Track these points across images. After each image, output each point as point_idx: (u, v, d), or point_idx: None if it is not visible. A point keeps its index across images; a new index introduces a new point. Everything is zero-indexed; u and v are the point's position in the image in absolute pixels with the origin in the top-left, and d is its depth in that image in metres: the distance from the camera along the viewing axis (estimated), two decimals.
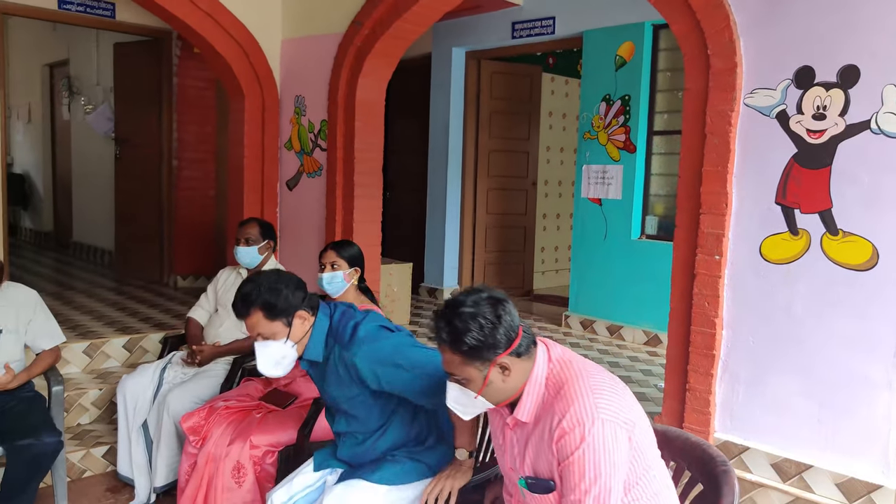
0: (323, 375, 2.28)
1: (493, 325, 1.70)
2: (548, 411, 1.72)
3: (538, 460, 1.75)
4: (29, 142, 9.27)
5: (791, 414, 2.83)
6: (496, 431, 1.93)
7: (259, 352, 2.22)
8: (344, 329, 2.23)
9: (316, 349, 2.24)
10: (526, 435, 1.79)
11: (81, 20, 5.62)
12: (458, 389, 1.78)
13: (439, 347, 1.77)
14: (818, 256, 2.73)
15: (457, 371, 1.74)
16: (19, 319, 3.10)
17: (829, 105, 2.69)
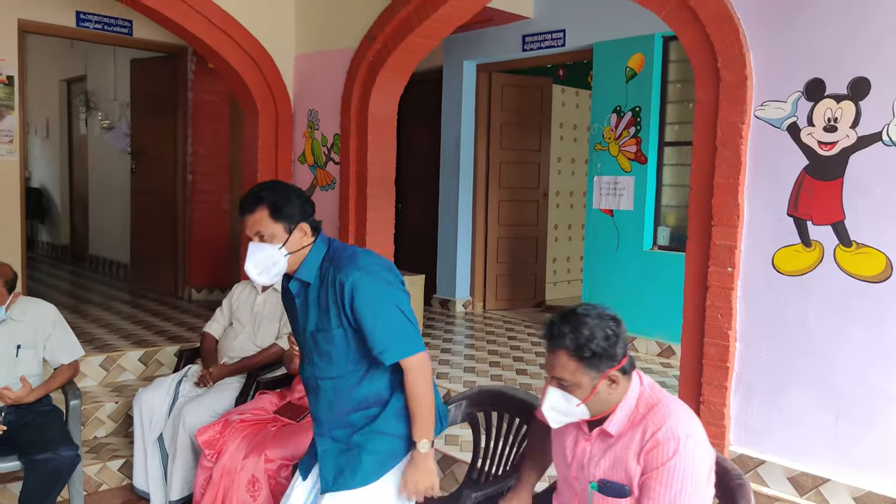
0: (307, 304, 2.21)
1: (615, 338, 1.81)
2: (636, 426, 1.83)
3: (614, 469, 1.83)
4: (46, 156, 9.40)
5: (807, 427, 2.81)
6: (564, 444, 2.00)
7: (251, 253, 2.15)
8: (343, 253, 2.19)
9: (309, 270, 2.18)
10: (606, 446, 1.88)
11: (99, 37, 5.73)
12: (559, 396, 1.85)
13: (553, 352, 1.84)
14: (832, 268, 2.73)
15: (567, 376, 1.81)
16: (38, 335, 3.14)
17: (840, 117, 2.69)
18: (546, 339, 1.87)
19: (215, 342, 3.79)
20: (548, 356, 1.89)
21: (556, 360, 1.84)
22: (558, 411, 1.87)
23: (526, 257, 7.10)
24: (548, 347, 1.87)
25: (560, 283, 7.79)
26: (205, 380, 3.52)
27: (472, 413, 2.90)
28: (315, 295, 2.19)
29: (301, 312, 2.24)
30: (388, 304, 2.13)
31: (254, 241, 2.16)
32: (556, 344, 1.83)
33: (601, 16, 5.46)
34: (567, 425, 1.97)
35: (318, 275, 2.18)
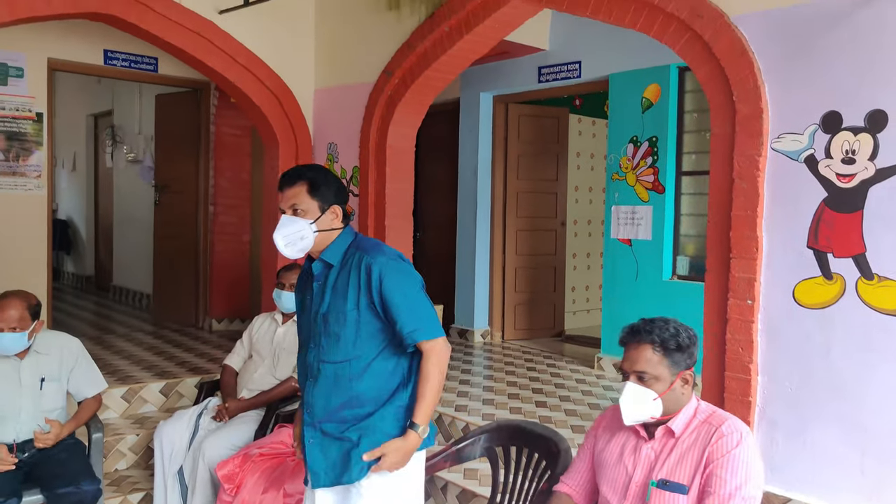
0: (324, 287, 2.25)
1: (695, 339, 2.06)
2: (699, 426, 2.00)
3: (679, 466, 1.97)
4: (73, 189, 9.61)
5: (833, 463, 2.77)
6: (620, 456, 2.12)
7: (282, 224, 2.22)
8: (368, 242, 2.30)
9: (335, 253, 2.25)
10: (670, 446, 2.02)
11: (126, 74, 5.89)
12: (637, 389, 2.01)
13: (637, 346, 2.02)
14: (854, 301, 2.70)
15: (650, 369, 2.00)
16: (62, 368, 3.19)
17: (857, 149, 2.69)
18: (631, 335, 2.05)
19: (235, 375, 3.81)
20: (629, 353, 2.05)
21: (639, 355, 2.02)
22: (635, 405, 2.01)
23: (544, 286, 7.08)
24: (630, 344, 2.05)
25: (579, 312, 7.76)
26: (222, 414, 3.54)
27: (490, 448, 2.89)
28: (334, 278, 2.24)
29: (316, 295, 2.28)
30: (417, 286, 2.22)
31: (287, 214, 2.23)
32: (643, 338, 2.02)
33: (616, 47, 5.50)
34: (620, 436, 2.12)
35: (342, 259, 2.25)
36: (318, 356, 2.25)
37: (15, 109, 5.25)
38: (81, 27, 5.22)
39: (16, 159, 5.28)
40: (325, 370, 2.24)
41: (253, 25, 4.81)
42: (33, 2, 3.90)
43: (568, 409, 4.53)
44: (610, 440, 2.17)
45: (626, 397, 2.02)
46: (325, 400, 2.22)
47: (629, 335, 2.07)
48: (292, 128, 5.24)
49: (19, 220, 5.35)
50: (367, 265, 2.18)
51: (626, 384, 2.03)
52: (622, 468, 2.09)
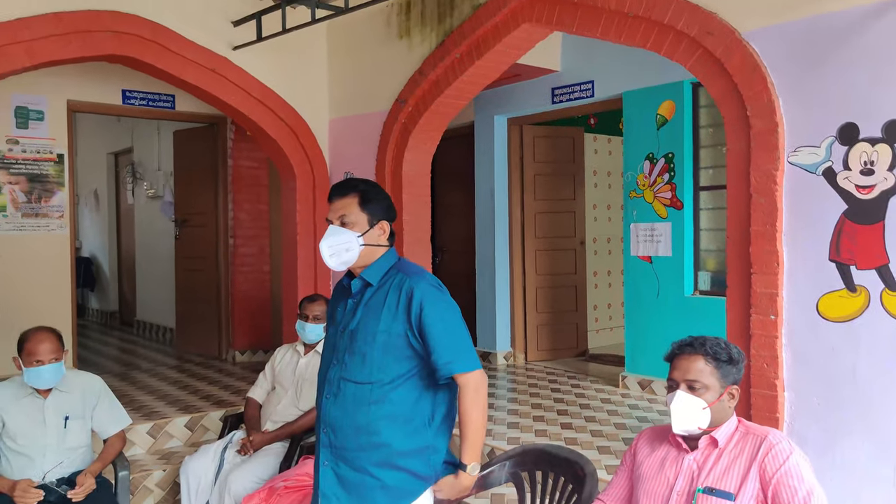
0: (357, 304, 2.22)
1: (742, 356, 2.12)
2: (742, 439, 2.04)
3: (725, 476, 2.00)
4: (96, 226, 9.76)
5: (864, 479, 2.70)
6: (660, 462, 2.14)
7: (330, 233, 2.19)
8: (412, 266, 2.27)
9: (376, 272, 2.21)
10: (714, 457, 2.05)
11: (144, 112, 6.00)
12: (688, 398, 2.04)
13: (690, 357, 2.07)
14: (879, 313, 2.65)
15: (702, 378, 2.05)
16: (85, 405, 3.22)
17: (876, 160, 2.66)
18: (681, 349, 2.10)
19: (258, 407, 3.82)
20: (680, 363, 2.09)
21: (691, 365, 2.07)
22: (685, 414, 2.04)
23: (566, 306, 7.04)
24: (681, 356, 2.09)
25: (603, 330, 7.70)
26: (246, 448, 3.54)
27: (516, 472, 2.86)
28: (370, 296, 2.21)
29: (349, 311, 2.24)
30: (458, 318, 2.20)
31: (335, 225, 2.22)
32: (695, 350, 2.07)
33: (629, 65, 5.51)
34: (660, 449, 2.15)
35: (381, 279, 2.22)
36: (339, 373, 2.20)
37: (36, 152, 5.37)
38: (100, 69, 5.34)
39: (38, 200, 5.39)
40: (345, 389, 2.18)
41: (266, 60, 4.89)
42: (52, 47, 4.00)
43: (594, 430, 4.48)
44: (650, 454, 2.18)
45: (676, 405, 2.05)
46: (342, 420, 2.17)
47: (680, 347, 2.11)
48: (308, 158, 5.29)
49: (43, 260, 5.44)
50: (409, 289, 2.14)
51: (676, 392, 2.06)
52: (663, 479, 2.10)
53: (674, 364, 2.12)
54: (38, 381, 3.07)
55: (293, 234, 5.32)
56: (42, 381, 3.07)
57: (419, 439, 2.15)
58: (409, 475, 2.13)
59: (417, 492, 2.15)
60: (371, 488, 2.11)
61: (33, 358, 3.03)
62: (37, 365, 3.03)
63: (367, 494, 2.12)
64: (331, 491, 2.15)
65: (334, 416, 2.19)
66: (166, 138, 7.41)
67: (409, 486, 2.14)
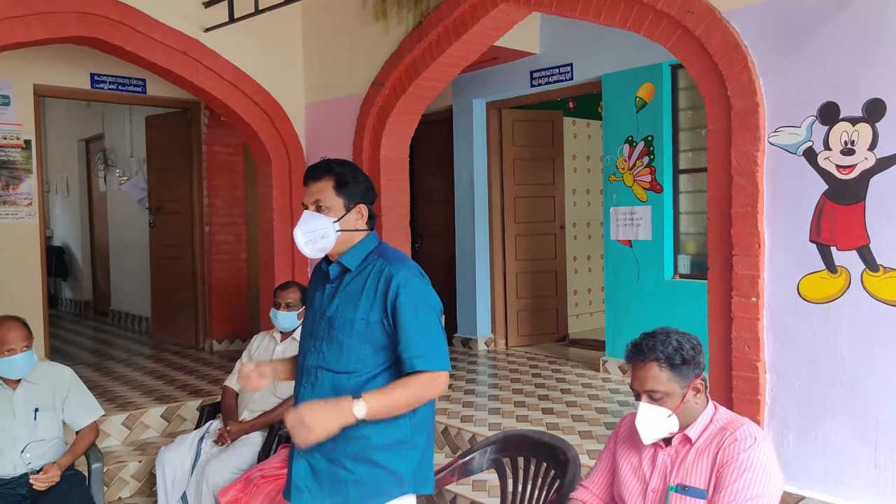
0: (335, 290, 2.13)
1: (699, 347, 2.03)
2: (717, 432, 1.98)
3: (694, 471, 1.96)
4: (67, 214, 9.56)
5: (846, 459, 2.71)
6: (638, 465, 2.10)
7: (304, 220, 2.09)
8: (393, 252, 2.17)
9: (355, 258, 2.12)
10: (686, 452, 2.00)
11: (114, 97, 5.85)
12: (652, 410, 1.98)
13: (644, 365, 1.98)
14: (860, 294, 2.65)
15: (660, 387, 1.97)
16: (55, 397, 3.15)
17: (856, 140, 2.64)
18: (634, 355, 2.01)
19: (235, 396, 3.76)
20: (636, 373, 2.01)
21: (647, 374, 1.98)
22: (652, 425, 1.99)
23: (546, 291, 7.03)
24: (636, 363, 2.01)
25: (583, 315, 7.70)
26: (223, 438, 3.48)
27: (497, 459, 2.83)
28: (348, 282, 2.12)
29: (326, 297, 2.16)
30: (433, 311, 2.08)
31: (310, 210, 2.11)
32: (648, 356, 1.98)
33: (607, 48, 5.47)
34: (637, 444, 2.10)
35: (360, 264, 2.12)
36: (316, 361, 2.12)
37: (3, 138, 5.22)
38: (67, 52, 5.19)
39: (6, 188, 5.24)
40: (322, 378, 2.10)
41: (239, 42, 4.77)
42: (14, 29, 3.86)
43: (575, 415, 4.47)
44: (628, 449, 2.16)
45: (641, 419, 2.00)
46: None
47: (632, 353, 2.03)
48: (284, 144, 5.20)
49: (12, 248, 5.30)
50: (388, 275, 2.05)
51: (639, 405, 2.00)
52: (640, 476, 2.08)
53: (632, 371, 2.04)
54: (12, 370, 3.00)
55: (269, 220, 5.24)
56: (16, 369, 3.00)
57: (397, 433, 2.06)
58: (384, 471, 2.05)
59: (392, 493, 2.07)
60: (344, 482, 2.04)
61: (5, 347, 2.96)
62: (9, 354, 2.96)
63: (340, 488, 2.04)
64: (303, 483, 2.08)
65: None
66: (138, 124, 7.26)
67: (384, 484, 2.05)
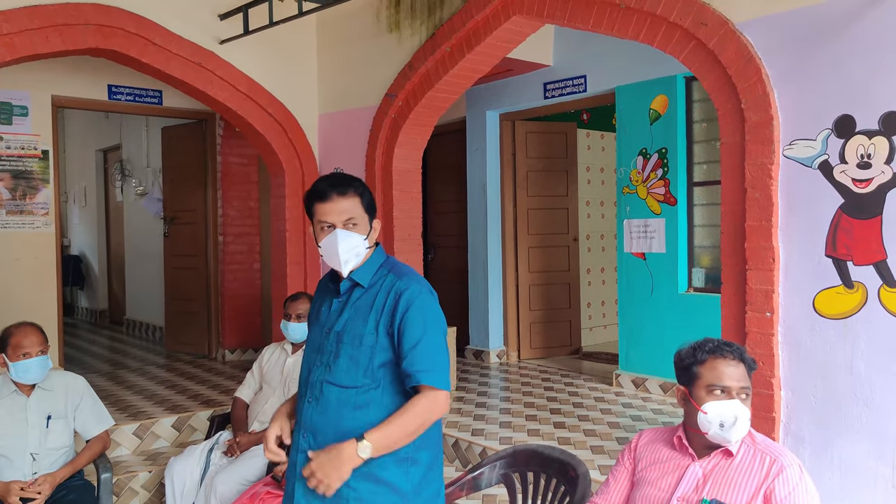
0: (344, 305, 2.11)
1: None
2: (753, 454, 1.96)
3: (731, 489, 1.94)
4: (85, 224, 9.66)
5: (862, 477, 2.65)
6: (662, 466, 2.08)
7: (342, 238, 2.03)
8: (403, 266, 2.15)
9: (367, 273, 2.10)
10: (722, 468, 1.98)
11: (131, 108, 5.92)
12: (744, 408, 1.96)
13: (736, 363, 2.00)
14: (877, 310, 2.60)
15: (746, 383, 2.00)
16: (67, 405, 3.16)
17: (873, 153, 2.60)
18: (724, 349, 2.03)
19: (246, 407, 3.75)
20: (725, 370, 1.99)
21: (739, 372, 2.00)
22: (744, 423, 1.95)
23: (559, 303, 6.99)
24: (723, 358, 2.01)
25: (596, 328, 7.65)
26: (233, 449, 3.47)
27: (507, 474, 2.80)
28: (358, 297, 2.10)
29: (335, 311, 2.13)
30: (440, 328, 2.06)
31: (339, 227, 2.06)
32: (734, 355, 2.01)
33: (621, 60, 5.45)
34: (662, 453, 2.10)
35: (371, 280, 2.11)
36: (323, 376, 2.08)
37: (20, 148, 5.28)
38: (85, 63, 5.25)
39: (23, 197, 5.30)
40: (328, 392, 2.06)
41: (254, 54, 4.81)
42: (32, 40, 3.91)
43: (587, 430, 4.43)
44: (653, 459, 2.12)
45: (741, 414, 1.94)
46: (324, 425, 2.05)
47: (717, 349, 2.02)
48: (297, 154, 5.22)
49: (28, 257, 5.35)
50: (398, 290, 2.04)
51: (733, 402, 1.95)
52: (664, 485, 2.04)
53: (717, 367, 1.99)
54: (27, 374, 3.02)
55: (282, 231, 5.25)
56: (31, 374, 3.02)
57: (399, 450, 2.02)
58: (387, 488, 2.02)
59: None
60: (346, 499, 1.99)
61: (20, 351, 2.98)
62: (24, 358, 2.98)
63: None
64: (305, 500, 2.04)
65: (315, 420, 2.08)
66: (154, 135, 7.32)
67: (385, 501, 2.01)
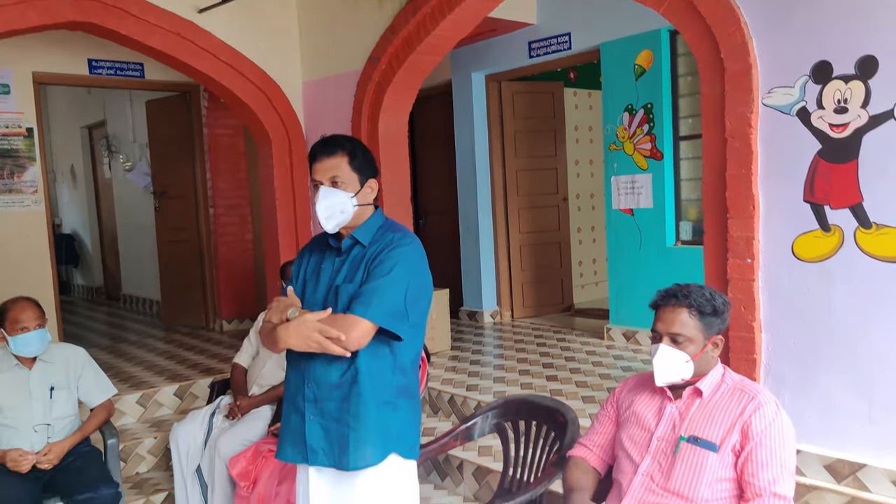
0: (343, 263, 2.19)
1: (728, 305, 2.11)
2: (731, 392, 2.05)
3: (708, 426, 2.02)
4: (75, 202, 9.65)
5: (841, 414, 2.76)
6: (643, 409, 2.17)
7: (323, 196, 2.13)
8: (401, 227, 2.24)
9: (367, 232, 2.18)
10: (697, 406, 2.07)
11: (113, 82, 5.88)
12: (671, 351, 2.04)
13: (674, 309, 2.05)
14: (853, 252, 2.67)
15: (686, 332, 2.04)
16: (70, 376, 3.23)
17: (849, 98, 2.65)
18: (665, 299, 2.08)
19: (244, 372, 3.83)
20: (664, 315, 2.08)
21: (675, 317, 2.05)
22: (668, 367, 2.05)
23: (551, 263, 7.06)
24: (665, 307, 2.08)
25: (588, 285, 7.74)
26: (234, 412, 3.56)
27: (499, 423, 2.90)
28: (356, 255, 2.18)
29: (332, 270, 2.21)
30: (410, 279, 2.11)
31: (325, 186, 2.14)
32: (680, 302, 2.05)
33: (605, 16, 5.44)
34: (644, 396, 2.18)
35: (372, 239, 2.18)
36: None
37: (5, 126, 5.26)
38: (64, 38, 5.20)
39: (10, 176, 5.30)
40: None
41: (234, 22, 4.78)
42: (8, 16, 3.88)
43: (578, 381, 4.54)
44: (634, 401, 2.22)
45: (659, 359, 2.05)
46: (325, 375, 2.14)
47: (664, 298, 2.10)
48: (283, 123, 5.22)
49: (19, 236, 5.37)
50: (390, 240, 2.13)
51: (659, 346, 2.06)
52: (645, 426, 2.13)
53: (658, 314, 2.10)
54: (27, 348, 3.07)
55: (272, 200, 5.28)
56: (30, 347, 3.08)
57: (384, 393, 2.13)
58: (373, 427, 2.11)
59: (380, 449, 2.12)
60: (347, 438, 2.11)
61: (18, 325, 3.04)
62: (23, 332, 3.03)
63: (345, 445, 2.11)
64: (318, 444, 2.14)
65: (317, 370, 2.16)
66: (139, 109, 7.29)
67: (373, 438, 2.11)
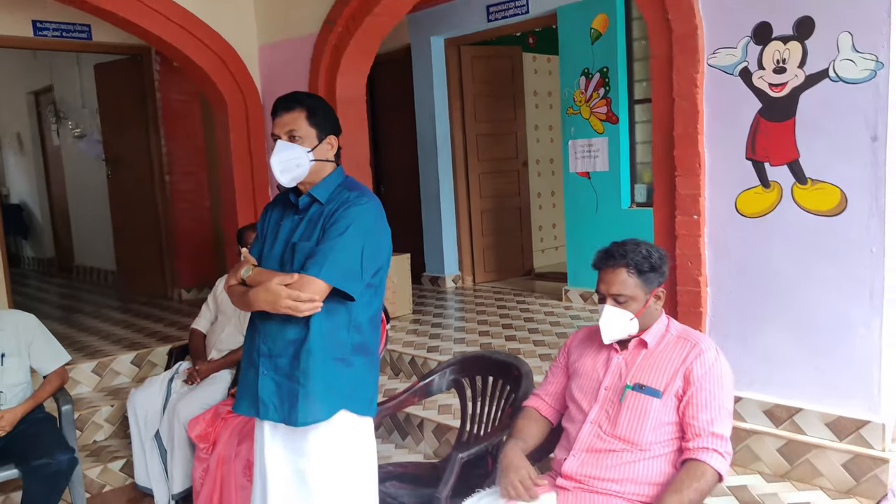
0: (300, 221, 2.21)
1: (665, 257, 2.17)
2: (675, 341, 2.14)
3: (652, 374, 2.10)
4: (23, 171, 9.37)
5: (780, 362, 2.88)
6: (591, 360, 2.25)
7: (279, 149, 2.15)
8: (360, 186, 2.26)
9: (325, 190, 2.20)
10: (643, 356, 2.15)
11: (59, 45, 5.69)
12: (616, 312, 2.12)
13: (613, 270, 2.12)
14: (790, 206, 2.78)
15: (626, 291, 2.10)
16: (20, 342, 3.19)
17: (787, 58, 2.73)
18: (605, 260, 2.15)
19: (203, 338, 3.83)
20: (605, 276, 2.15)
21: (615, 278, 2.12)
22: (614, 326, 2.12)
23: (511, 228, 7.14)
24: (606, 268, 2.14)
25: (548, 249, 7.85)
26: (193, 377, 3.57)
27: (456, 379, 2.97)
28: (314, 212, 2.20)
29: (290, 227, 2.23)
30: (365, 238, 2.13)
31: (282, 140, 2.17)
32: (618, 262, 2.12)
33: None
34: (592, 349, 2.27)
35: (329, 197, 2.20)
36: None
37: None
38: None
39: None
40: None
41: None
42: None
43: (536, 340, 4.64)
44: (583, 353, 2.30)
45: (605, 319, 2.13)
46: (280, 331, 2.17)
47: (603, 259, 2.16)
48: (239, 88, 5.14)
49: None
50: (347, 200, 2.14)
51: (604, 307, 2.13)
52: (594, 376, 2.22)
53: (600, 276, 2.16)
54: None
55: (229, 166, 5.22)
56: None
57: (336, 350, 2.15)
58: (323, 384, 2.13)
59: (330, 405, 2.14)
60: (296, 395, 2.13)
61: None
62: None
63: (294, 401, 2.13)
64: (270, 399, 2.17)
65: (273, 328, 2.19)
66: (87, 73, 7.06)
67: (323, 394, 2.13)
